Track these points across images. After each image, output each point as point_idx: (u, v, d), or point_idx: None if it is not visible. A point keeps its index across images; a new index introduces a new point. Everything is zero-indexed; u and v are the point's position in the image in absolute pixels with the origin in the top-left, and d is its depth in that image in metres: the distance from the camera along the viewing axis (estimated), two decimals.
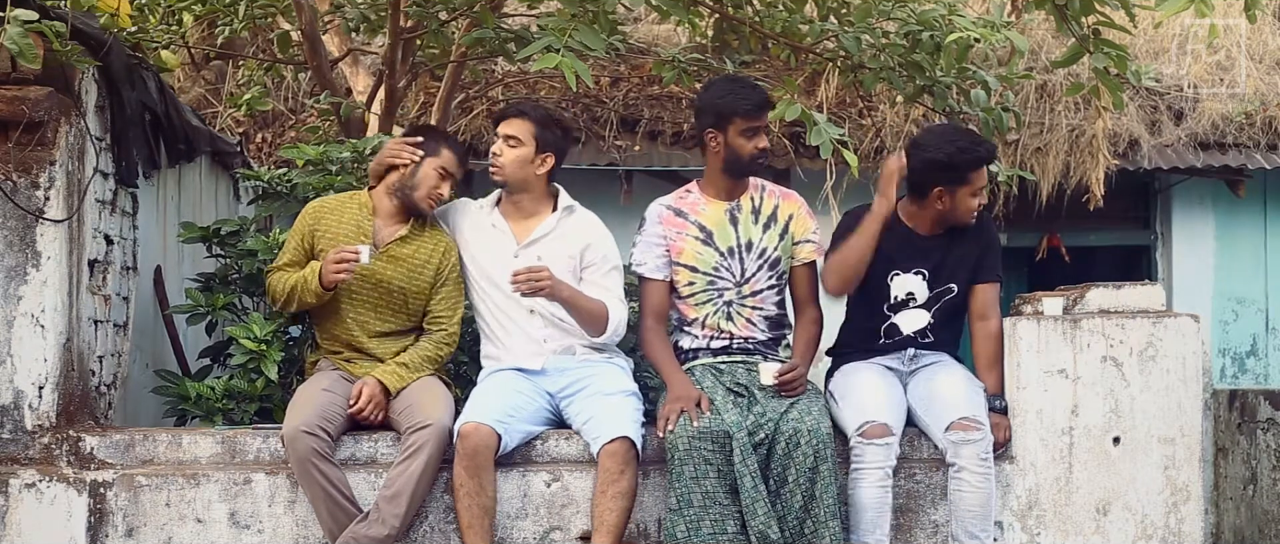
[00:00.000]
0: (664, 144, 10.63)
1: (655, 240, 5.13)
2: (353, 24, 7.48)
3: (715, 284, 5.11)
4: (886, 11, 6.46)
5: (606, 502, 4.73)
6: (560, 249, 5.10)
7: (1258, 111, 10.94)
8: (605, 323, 5.03)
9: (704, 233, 5.12)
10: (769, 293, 5.16)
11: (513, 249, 5.11)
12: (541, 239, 5.11)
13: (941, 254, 5.09)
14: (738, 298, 5.12)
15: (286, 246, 5.19)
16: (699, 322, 5.13)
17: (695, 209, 5.16)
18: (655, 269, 5.12)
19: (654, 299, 5.13)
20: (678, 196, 5.22)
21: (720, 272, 5.11)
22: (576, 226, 5.17)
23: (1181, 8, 4.66)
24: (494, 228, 5.16)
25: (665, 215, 5.17)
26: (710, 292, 5.12)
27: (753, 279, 5.13)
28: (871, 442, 4.78)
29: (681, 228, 5.14)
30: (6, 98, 4.95)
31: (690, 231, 5.13)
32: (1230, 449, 6.08)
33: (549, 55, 4.97)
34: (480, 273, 5.15)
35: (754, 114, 5.03)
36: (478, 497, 4.73)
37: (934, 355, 5.13)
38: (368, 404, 4.91)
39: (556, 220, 5.15)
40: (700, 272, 5.11)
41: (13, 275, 4.96)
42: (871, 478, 4.77)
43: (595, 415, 4.86)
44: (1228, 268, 11.30)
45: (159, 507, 4.91)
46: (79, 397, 5.12)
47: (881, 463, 4.78)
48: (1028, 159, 10.61)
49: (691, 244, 5.11)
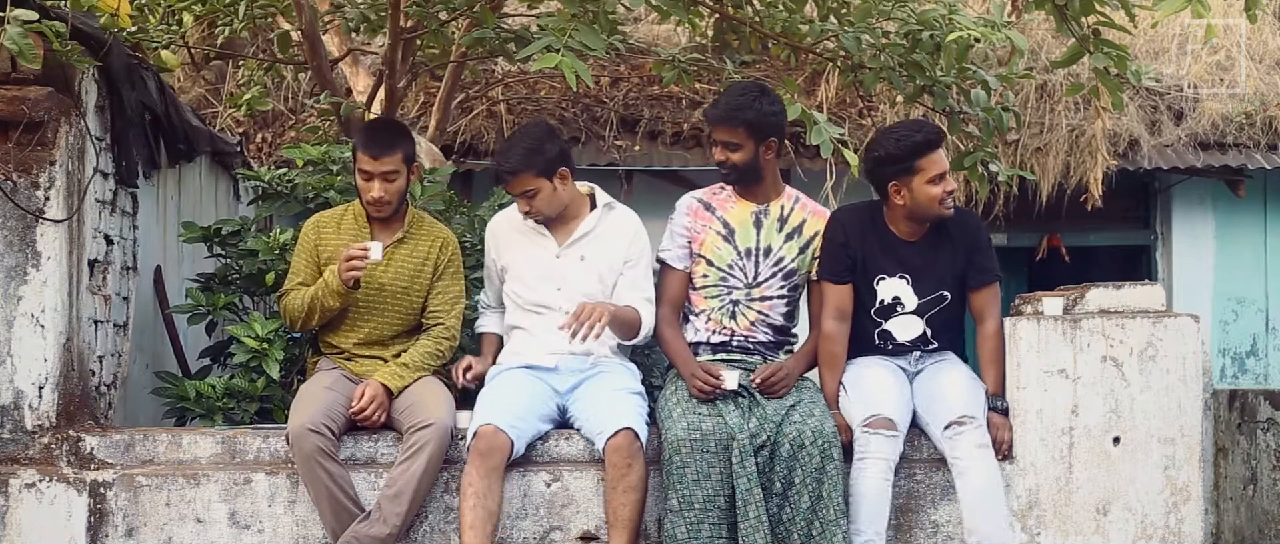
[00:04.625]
0: (664, 144, 10.62)
1: (680, 231, 5.20)
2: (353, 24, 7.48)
3: (727, 281, 5.15)
4: (886, 11, 6.45)
5: (618, 497, 4.72)
6: (603, 248, 5.13)
7: (1258, 111, 10.93)
8: (639, 329, 5.09)
9: (727, 229, 5.18)
10: (778, 301, 5.19)
11: (554, 250, 5.12)
12: (582, 239, 5.13)
13: (925, 258, 5.08)
14: (745, 298, 5.15)
15: (295, 268, 5.18)
16: (705, 314, 5.17)
17: (724, 206, 5.21)
18: (677, 259, 5.19)
19: (673, 289, 5.20)
20: (711, 192, 5.28)
21: (733, 270, 5.15)
22: (616, 224, 5.20)
23: (1179, 8, 4.65)
24: (532, 230, 5.16)
25: (693, 207, 5.23)
26: (721, 287, 5.15)
27: (764, 284, 5.16)
28: (876, 432, 4.78)
29: (707, 221, 5.19)
30: (6, 98, 4.95)
31: (714, 226, 5.18)
32: (1230, 449, 6.08)
33: (549, 55, 4.97)
34: (516, 278, 5.14)
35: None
36: (485, 499, 4.70)
37: (938, 356, 5.13)
38: (370, 405, 4.91)
39: (597, 219, 5.17)
40: (715, 266, 5.16)
41: (13, 275, 4.96)
42: (874, 469, 4.76)
43: (599, 411, 4.86)
44: (1228, 268, 11.29)
45: (159, 507, 4.91)
46: (79, 397, 5.12)
47: (885, 454, 4.78)
48: (1028, 159, 10.60)
49: (713, 238, 5.17)
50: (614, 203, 5.25)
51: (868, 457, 4.78)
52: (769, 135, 5.13)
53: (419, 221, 5.25)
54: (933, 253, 5.08)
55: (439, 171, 6.31)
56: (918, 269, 5.07)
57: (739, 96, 5.14)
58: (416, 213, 5.29)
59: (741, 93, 5.17)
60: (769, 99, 5.16)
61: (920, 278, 5.07)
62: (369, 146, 5.07)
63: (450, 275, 5.20)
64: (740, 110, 5.08)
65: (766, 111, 5.10)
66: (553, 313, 5.06)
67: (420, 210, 5.38)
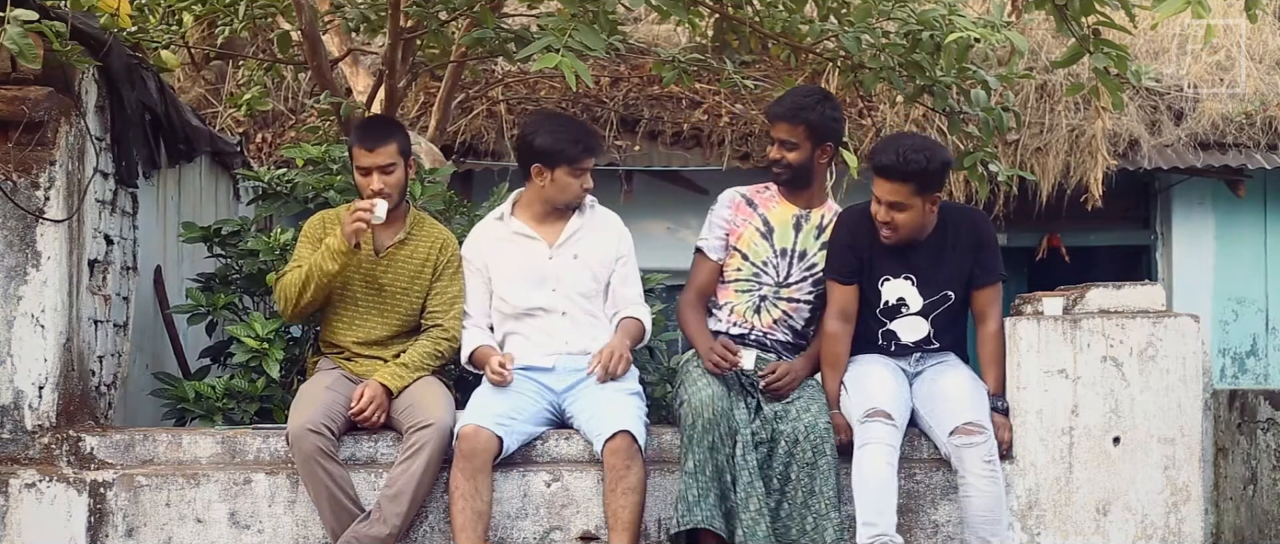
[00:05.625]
0: (664, 144, 10.61)
1: (720, 223, 5.26)
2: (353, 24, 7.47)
3: (759, 277, 5.20)
4: (886, 11, 6.45)
5: (617, 499, 4.73)
6: (594, 247, 5.17)
7: (1258, 111, 10.93)
8: (646, 334, 5.19)
9: (767, 227, 5.23)
10: (803, 304, 5.23)
11: (545, 252, 5.13)
12: (572, 238, 5.16)
13: (929, 259, 5.08)
14: (773, 297, 5.20)
15: (297, 255, 5.16)
16: (730, 306, 5.21)
17: (767, 204, 5.26)
18: (713, 249, 5.25)
19: (703, 277, 5.26)
20: (756, 189, 5.34)
21: (767, 267, 5.20)
22: (603, 222, 5.25)
23: (1179, 9, 4.65)
24: (518, 235, 5.17)
25: (736, 201, 5.29)
26: (752, 282, 5.20)
27: (794, 286, 5.21)
28: (876, 420, 4.78)
29: (748, 216, 5.25)
30: (6, 98, 4.95)
31: (754, 222, 5.24)
32: (1230, 449, 6.08)
33: (549, 55, 4.97)
34: (505, 282, 5.13)
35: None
36: (472, 500, 4.71)
37: (939, 356, 5.13)
38: (370, 406, 4.91)
39: (582, 218, 5.20)
40: (749, 261, 5.21)
41: (13, 275, 4.96)
42: (876, 452, 4.73)
43: (597, 413, 4.87)
44: (1228, 268, 11.29)
45: (159, 507, 4.91)
46: (79, 397, 5.12)
47: (887, 440, 4.76)
48: (1028, 159, 10.60)
49: (752, 233, 5.22)
50: (594, 202, 5.27)
51: (869, 443, 4.76)
52: (826, 139, 5.17)
53: (420, 223, 5.26)
54: (938, 254, 5.08)
55: (439, 171, 6.31)
56: (922, 270, 5.07)
57: (805, 97, 5.20)
58: (417, 214, 5.30)
59: (806, 94, 5.25)
60: (832, 104, 5.22)
61: (925, 279, 5.07)
62: (363, 140, 5.09)
63: (450, 276, 5.20)
64: (803, 110, 5.12)
65: (829, 116, 5.16)
66: (548, 314, 5.07)
67: (421, 212, 5.38)
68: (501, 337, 5.14)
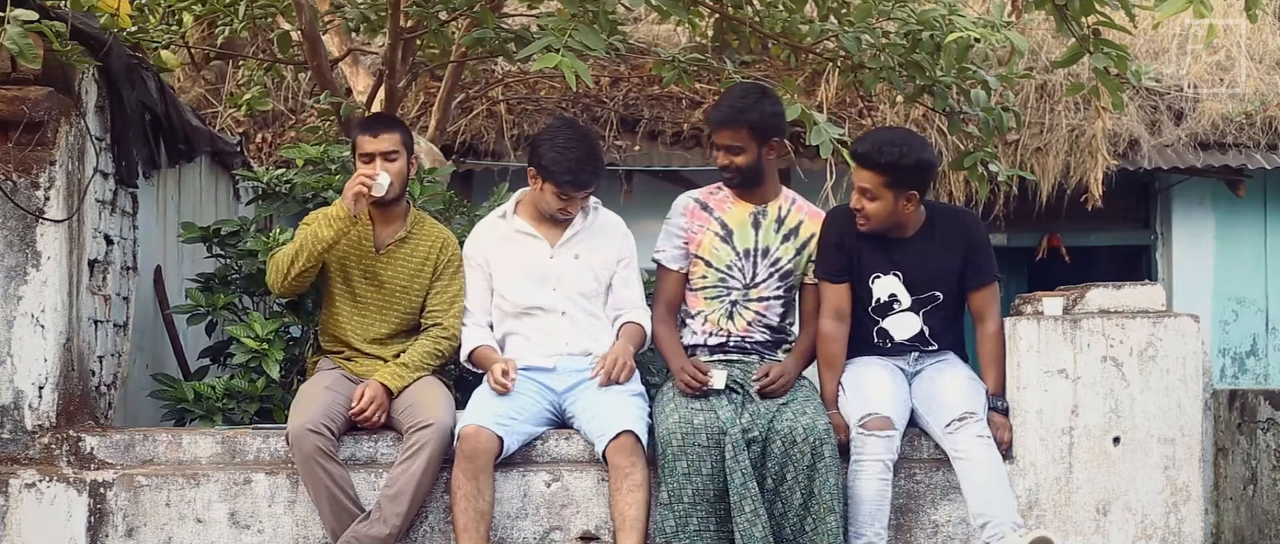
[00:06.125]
0: (664, 144, 10.62)
1: (677, 231, 5.21)
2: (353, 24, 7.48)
3: (725, 282, 5.16)
4: (886, 11, 6.46)
5: (623, 497, 4.73)
6: (596, 247, 5.16)
7: (1258, 111, 10.93)
8: (647, 337, 5.17)
9: (725, 230, 5.18)
10: (774, 302, 5.20)
11: (547, 251, 5.13)
12: (574, 238, 5.15)
13: (916, 255, 5.07)
14: (743, 299, 5.17)
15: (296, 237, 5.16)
16: (702, 315, 5.17)
17: (721, 206, 5.21)
18: (672, 260, 5.21)
19: (669, 289, 5.21)
20: (708, 192, 5.28)
21: (732, 271, 5.16)
22: (604, 224, 5.24)
23: (1180, 8, 4.65)
24: (520, 233, 5.17)
25: (691, 208, 5.24)
26: (719, 288, 5.16)
27: (762, 284, 5.17)
28: (872, 433, 4.78)
29: (705, 222, 5.20)
30: (6, 98, 4.95)
31: (712, 227, 5.18)
32: (1230, 449, 6.08)
33: (549, 55, 4.97)
34: (506, 281, 5.13)
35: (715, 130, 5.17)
36: (474, 501, 4.72)
37: (938, 355, 5.13)
38: (370, 406, 4.91)
39: (585, 219, 5.19)
40: (714, 267, 5.16)
41: (13, 275, 4.96)
42: (871, 470, 4.77)
43: (599, 413, 4.87)
44: (1228, 268, 11.29)
45: (159, 507, 4.91)
46: (79, 397, 5.12)
47: (881, 455, 4.78)
48: (1028, 159, 10.61)
49: (711, 239, 5.17)
50: (598, 204, 5.26)
51: (864, 458, 4.78)
52: (771, 136, 5.13)
53: (420, 222, 5.26)
54: (924, 251, 5.08)
55: (439, 171, 6.31)
56: (909, 266, 5.07)
57: (741, 99, 5.13)
58: (418, 213, 5.30)
59: (742, 94, 5.17)
60: (770, 100, 5.16)
61: (912, 277, 5.07)
62: (367, 128, 5.14)
63: (450, 275, 5.20)
64: (743, 112, 5.07)
65: (769, 112, 5.11)
66: (548, 313, 5.07)
67: (421, 211, 5.38)
68: (501, 335, 5.15)
